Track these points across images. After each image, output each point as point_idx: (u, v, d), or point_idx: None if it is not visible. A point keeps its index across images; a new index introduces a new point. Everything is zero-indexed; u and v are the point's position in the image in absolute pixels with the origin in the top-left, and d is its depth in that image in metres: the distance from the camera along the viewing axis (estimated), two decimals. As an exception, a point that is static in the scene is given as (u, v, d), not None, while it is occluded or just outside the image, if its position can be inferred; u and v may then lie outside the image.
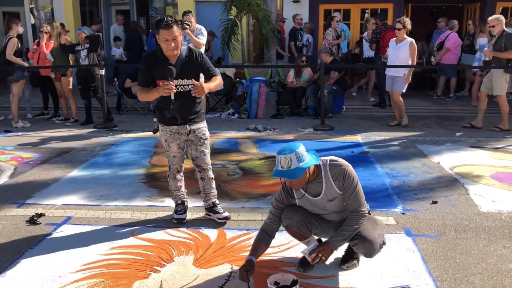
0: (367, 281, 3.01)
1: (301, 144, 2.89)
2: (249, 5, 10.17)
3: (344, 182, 2.89)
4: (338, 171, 2.90)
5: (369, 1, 12.22)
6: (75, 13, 13.05)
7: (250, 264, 2.92)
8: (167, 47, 3.56)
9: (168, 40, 3.53)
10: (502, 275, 3.07)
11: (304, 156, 2.83)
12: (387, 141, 6.79)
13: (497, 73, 7.21)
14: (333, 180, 2.92)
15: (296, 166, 2.79)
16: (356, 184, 2.91)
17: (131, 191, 4.79)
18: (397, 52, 7.61)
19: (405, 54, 7.48)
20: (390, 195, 4.58)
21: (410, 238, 3.62)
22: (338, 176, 2.90)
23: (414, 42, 7.52)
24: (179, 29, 3.58)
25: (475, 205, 4.27)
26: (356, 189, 2.90)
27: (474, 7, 12.40)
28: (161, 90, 3.57)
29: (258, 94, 8.67)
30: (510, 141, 6.67)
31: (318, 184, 2.97)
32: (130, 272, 3.16)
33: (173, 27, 3.50)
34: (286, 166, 2.81)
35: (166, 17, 3.55)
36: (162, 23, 3.50)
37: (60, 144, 6.84)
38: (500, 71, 7.18)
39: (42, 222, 4.01)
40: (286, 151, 2.82)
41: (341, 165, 2.93)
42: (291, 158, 2.79)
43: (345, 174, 2.89)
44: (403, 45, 7.52)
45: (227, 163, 5.72)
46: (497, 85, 7.24)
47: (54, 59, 8.24)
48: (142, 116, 9.03)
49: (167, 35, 3.51)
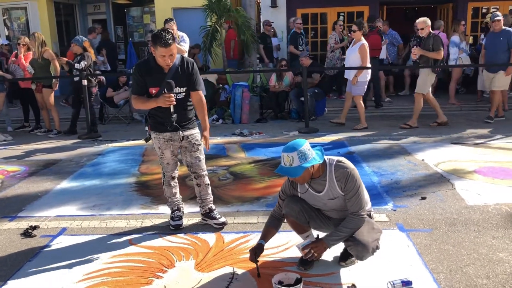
0: (366, 276, 3.09)
1: (306, 142, 2.98)
2: (228, 11, 10.26)
3: (346, 184, 2.98)
4: (342, 173, 3.00)
5: (345, 5, 12.44)
6: (50, 23, 12.91)
7: (259, 247, 3.13)
8: (164, 62, 3.61)
9: (165, 56, 3.57)
10: (493, 264, 3.20)
11: (307, 155, 2.91)
12: (371, 141, 6.94)
13: (424, 72, 7.53)
14: (336, 180, 3.01)
15: (298, 165, 2.89)
16: (358, 188, 3.00)
17: (124, 200, 4.79)
18: (349, 54, 7.82)
19: (356, 56, 7.65)
20: (380, 193, 4.69)
21: (403, 233, 3.73)
22: (341, 177, 3.00)
23: (365, 45, 7.66)
24: (175, 44, 3.62)
25: (462, 199, 4.42)
26: (357, 193, 2.99)
27: (447, 8, 12.75)
28: (161, 101, 3.61)
29: (242, 99, 8.75)
30: (489, 137, 6.90)
31: (322, 182, 3.07)
32: (133, 279, 3.18)
33: (172, 45, 3.53)
34: (288, 163, 2.91)
35: (165, 33, 3.52)
36: (161, 41, 3.49)
37: (45, 156, 6.78)
38: (427, 70, 7.50)
39: (37, 234, 3.98)
40: (289, 150, 2.92)
41: (346, 167, 3.02)
42: (293, 156, 2.89)
43: (348, 177, 2.98)
44: (355, 47, 7.70)
45: (217, 168, 5.77)
46: (420, 83, 7.57)
47: (35, 70, 8.15)
48: (125, 125, 9.00)
49: (165, 52, 3.54)
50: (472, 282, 2.97)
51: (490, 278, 3.02)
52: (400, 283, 2.86)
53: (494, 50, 7.97)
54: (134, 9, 14.14)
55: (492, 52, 8.02)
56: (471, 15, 12.04)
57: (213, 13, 10.30)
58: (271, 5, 12.28)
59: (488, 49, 8.17)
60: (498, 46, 7.86)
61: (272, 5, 12.29)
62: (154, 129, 3.87)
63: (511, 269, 3.11)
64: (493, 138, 6.83)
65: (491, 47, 8.05)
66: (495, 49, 7.95)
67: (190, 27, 10.41)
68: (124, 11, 14.11)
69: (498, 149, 6.20)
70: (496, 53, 7.93)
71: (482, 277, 3.02)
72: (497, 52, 7.91)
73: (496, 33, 7.93)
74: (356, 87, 7.67)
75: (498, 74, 7.87)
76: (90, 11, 14.44)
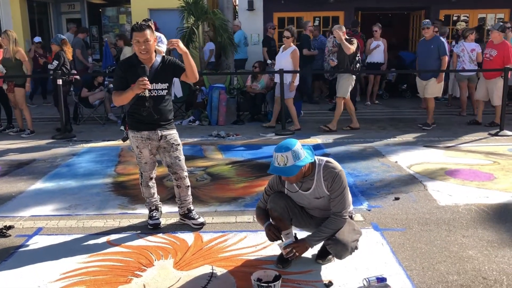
0: (343, 274, 3.17)
1: (298, 142, 3.05)
2: (205, 13, 10.28)
3: (332, 184, 3.07)
4: (329, 173, 3.08)
5: (321, 9, 12.63)
6: (23, 21, 12.68)
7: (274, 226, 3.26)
8: (138, 49, 3.65)
9: (140, 42, 3.63)
10: (463, 261, 3.32)
11: (300, 154, 2.99)
12: (346, 143, 7.07)
13: (343, 76, 7.78)
14: (324, 180, 3.10)
15: (292, 164, 2.95)
16: (343, 189, 3.09)
17: (101, 200, 4.76)
18: (280, 59, 7.93)
19: (287, 61, 7.80)
20: (355, 193, 4.79)
21: (378, 233, 3.83)
22: (328, 177, 3.08)
23: (296, 50, 7.85)
24: (153, 35, 3.66)
25: (434, 199, 4.56)
26: (342, 194, 3.08)
27: (419, 15, 13.08)
28: (136, 87, 3.62)
29: (219, 101, 8.77)
30: (460, 140, 7.12)
31: (310, 181, 3.15)
32: (112, 278, 3.18)
33: (146, 31, 3.62)
34: (282, 163, 2.97)
35: (141, 21, 3.66)
36: (135, 26, 3.63)
37: (18, 156, 6.66)
38: (346, 75, 7.75)
39: (12, 234, 3.93)
40: (283, 149, 2.98)
41: (334, 168, 3.10)
42: (287, 156, 2.96)
43: (335, 177, 3.06)
44: (287, 52, 7.85)
45: (194, 169, 5.78)
46: (341, 88, 7.81)
47: (7, 69, 7.98)
48: (100, 125, 8.90)
49: (139, 36, 3.62)
50: (443, 279, 3.08)
51: (460, 274, 3.14)
52: (375, 279, 2.95)
53: (426, 58, 8.00)
54: (110, 9, 14.01)
55: (424, 60, 8.05)
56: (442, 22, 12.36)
57: (190, 14, 10.29)
58: (248, 8, 12.38)
59: (420, 56, 8.22)
60: (429, 53, 7.90)
61: (249, 8, 12.39)
62: (132, 128, 3.88)
63: (479, 266, 3.24)
64: (463, 141, 7.05)
65: (423, 54, 8.09)
66: (426, 57, 7.98)
67: (166, 29, 10.38)
68: (99, 11, 13.96)
69: (468, 152, 6.41)
70: (428, 61, 7.95)
71: (453, 274, 3.14)
72: (428, 60, 7.94)
73: (428, 41, 7.97)
74: (288, 91, 7.82)
75: (430, 81, 7.92)
76: (64, 10, 14.24)
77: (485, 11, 12.65)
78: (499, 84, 7.79)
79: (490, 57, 7.96)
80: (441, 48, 7.83)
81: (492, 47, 7.96)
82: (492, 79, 7.95)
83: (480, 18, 12.68)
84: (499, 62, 7.81)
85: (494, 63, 7.87)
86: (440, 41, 7.98)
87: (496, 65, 7.84)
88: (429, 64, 7.95)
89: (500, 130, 7.50)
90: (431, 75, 7.95)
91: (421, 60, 8.22)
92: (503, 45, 7.88)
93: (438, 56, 7.85)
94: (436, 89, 8.05)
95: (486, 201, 4.49)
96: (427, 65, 8.00)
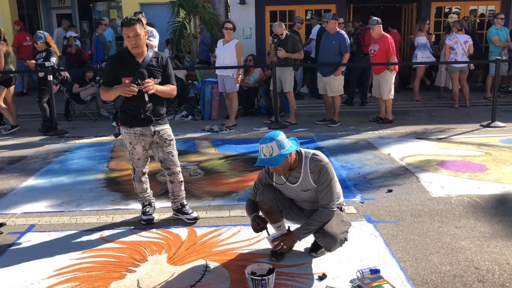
0: (337, 266, 3.18)
1: (281, 132, 3.06)
2: (196, 7, 10.23)
3: (319, 177, 3.06)
4: (316, 166, 3.08)
5: (313, 2, 12.58)
6: (12, 17, 12.54)
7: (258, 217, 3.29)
8: (129, 44, 3.64)
9: (130, 37, 3.61)
10: (456, 252, 3.34)
11: (284, 143, 3.00)
12: (339, 136, 7.08)
13: (285, 71, 7.82)
14: (310, 173, 3.09)
15: (278, 153, 2.96)
16: (330, 182, 3.08)
17: (94, 196, 4.74)
18: (224, 52, 7.80)
19: (232, 54, 7.73)
20: (348, 186, 4.81)
21: (371, 225, 3.84)
22: (315, 170, 3.08)
23: (240, 44, 7.79)
24: (143, 29, 3.63)
25: (427, 191, 4.58)
26: (328, 186, 3.08)
27: (411, 7, 13.06)
28: (120, 90, 3.60)
29: (211, 95, 8.74)
30: (452, 132, 7.15)
31: (297, 174, 3.14)
32: (105, 274, 3.17)
33: (135, 25, 3.60)
34: (268, 154, 2.97)
35: (130, 16, 3.67)
36: (124, 21, 3.62)
37: (9, 153, 6.61)
38: (288, 69, 7.80)
39: (4, 231, 3.90)
40: (267, 140, 2.98)
41: (320, 160, 3.10)
42: (272, 146, 2.96)
43: (322, 170, 3.06)
44: (230, 45, 7.76)
45: (187, 164, 5.77)
46: (285, 82, 7.87)
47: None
48: (92, 121, 8.85)
49: (128, 31, 3.61)
50: (436, 269, 3.10)
51: (453, 265, 3.16)
52: (369, 271, 2.96)
53: (327, 53, 7.78)
54: (101, 4, 13.88)
55: (325, 54, 7.85)
56: (434, 14, 12.38)
57: (181, 8, 10.24)
58: (240, 2, 12.30)
59: (322, 51, 8.00)
60: (330, 48, 7.68)
61: (240, 2, 12.29)
62: (125, 124, 3.85)
63: (472, 256, 3.26)
64: (455, 133, 7.08)
65: (324, 49, 7.88)
66: (327, 52, 7.76)
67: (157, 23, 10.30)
68: (90, 6, 13.84)
69: (460, 144, 6.44)
70: (329, 56, 7.74)
71: (446, 264, 3.16)
72: (329, 55, 7.73)
73: (330, 35, 7.74)
74: (233, 85, 7.84)
75: (330, 78, 7.68)
76: (54, 5, 14.10)
77: (477, 3, 12.64)
78: (387, 77, 7.68)
79: (374, 52, 7.76)
80: (343, 44, 7.58)
81: (374, 43, 7.82)
82: (380, 73, 7.75)
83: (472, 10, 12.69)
84: (382, 56, 7.67)
85: (378, 57, 7.70)
86: (342, 37, 7.63)
87: (380, 59, 7.69)
88: (330, 59, 7.74)
89: (492, 121, 7.54)
90: (330, 72, 7.67)
91: (322, 55, 7.97)
92: (383, 39, 7.68)
93: (339, 53, 7.62)
94: (338, 87, 7.76)
95: (478, 192, 4.51)
96: (328, 60, 7.78)
